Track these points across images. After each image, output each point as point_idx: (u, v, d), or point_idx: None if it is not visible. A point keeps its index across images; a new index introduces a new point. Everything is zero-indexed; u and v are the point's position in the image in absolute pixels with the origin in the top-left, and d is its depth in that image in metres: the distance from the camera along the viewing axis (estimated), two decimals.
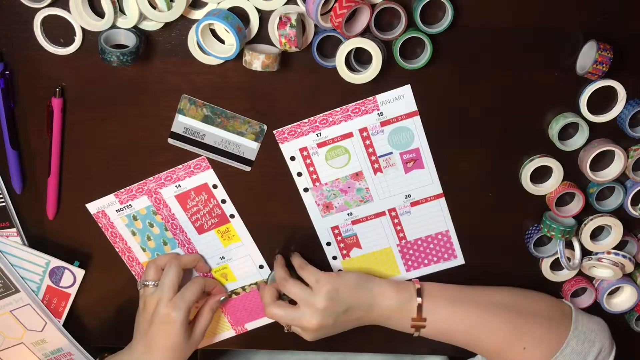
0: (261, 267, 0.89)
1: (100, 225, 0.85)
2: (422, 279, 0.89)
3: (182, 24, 0.72)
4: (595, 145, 0.76)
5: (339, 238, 0.87)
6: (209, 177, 0.82)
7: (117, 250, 0.87)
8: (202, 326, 0.85)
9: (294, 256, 0.86)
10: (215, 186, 0.82)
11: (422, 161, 0.81)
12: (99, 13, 0.71)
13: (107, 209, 0.84)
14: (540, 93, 0.76)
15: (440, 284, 0.85)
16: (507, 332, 0.79)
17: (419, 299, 0.81)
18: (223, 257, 0.88)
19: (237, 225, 0.85)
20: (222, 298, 0.89)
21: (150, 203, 0.83)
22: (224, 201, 0.83)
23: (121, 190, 0.82)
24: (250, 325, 0.93)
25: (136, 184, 0.82)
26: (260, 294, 0.86)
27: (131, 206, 0.84)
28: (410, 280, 0.86)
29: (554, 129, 0.76)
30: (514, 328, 0.79)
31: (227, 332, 0.94)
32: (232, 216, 0.85)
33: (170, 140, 0.78)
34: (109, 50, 0.69)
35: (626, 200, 0.79)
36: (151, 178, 0.82)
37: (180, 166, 0.81)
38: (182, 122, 0.77)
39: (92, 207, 0.83)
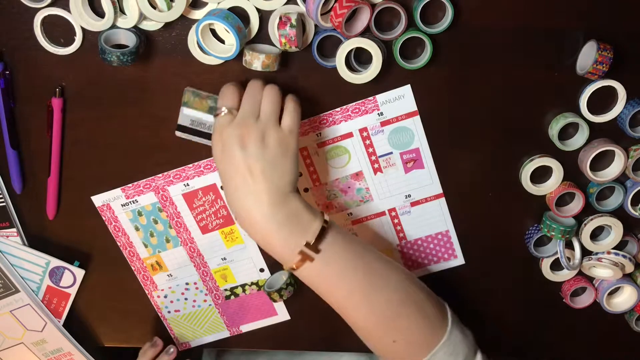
0: (262, 270, 0.89)
1: (103, 219, 0.85)
2: (422, 279, 0.89)
3: (182, 24, 0.72)
4: (595, 145, 0.76)
5: None
6: (218, 178, 0.82)
7: (118, 244, 0.87)
8: None
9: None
10: (223, 187, 0.82)
11: (422, 161, 0.81)
12: (99, 13, 0.71)
13: (113, 202, 0.84)
14: (540, 93, 0.76)
15: (345, 234, 0.74)
16: (386, 317, 0.72)
17: (325, 219, 0.71)
18: (224, 258, 0.88)
19: None
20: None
21: (157, 200, 0.83)
22: None
23: (128, 185, 0.82)
24: (245, 328, 0.94)
25: (144, 180, 0.82)
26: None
27: (137, 201, 0.84)
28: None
29: (554, 129, 0.76)
30: (394, 316, 0.72)
31: (221, 332, 0.94)
32: None
33: (178, 133, 0.77)
34: (109, 50, 0.69)
35: (626, 200, 0.79)
36: (160, 175, 0.82)
37: (190, 165, 0.81)
38: (188, 115, 0.76)
39: (98, 199, 0.83)
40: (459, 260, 0.88)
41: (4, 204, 0.83)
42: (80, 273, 0.88)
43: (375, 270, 0.72)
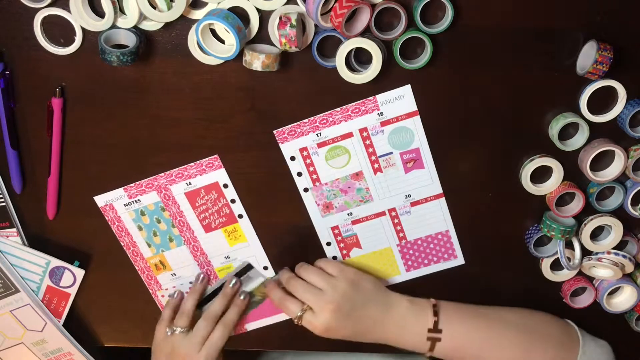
0: (265, 268, 0.89)
1: (106, 219, 0.85)
2: (422, 279, 0.89)
3: (182, 24, 0.72)
4: (595, 145, 0.76)
5: (339, 238, 0.87)
6: (220, 176, 0.82)
7: (121, 244, 0.87)
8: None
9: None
10: (225, 185, 0.82)
11: (422, 161, 0.81)
12: (99, 13, 0.71)
13: (115, 202, 0.84)
14: (540, 93, 0.76)
15: (453, 302, 0.85)
16: (519, 352, 0.80)
17: (435, 308, 0.82)
18: (228, 257, 0.88)
19: (245, 225, 0.85)
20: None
21: (159, 199, 0.83)
22: (233, 201, 0.83)
23: (131, 185, 0.82)
24: (251, 326, 0.93)
25: (146, 179, 0.82)
26: (270, 289, 0.86)
27: (140, 201, 0.84)
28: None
29: (554, 129, 0.76)
30: (526, 349, 0.80)
31: None
32: (240, 216, 0.85)
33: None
34: (109, 50, 0.69)
35: (626, 200, 0.79)
36: (162, 174, 0.82)
37: (192, 164, 0.81)
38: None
39: (100, 199, 0.83)
40: (459, 260, 0.88)
41: (4, 204, 0.83)
42: (80, 273, 0.88)
43: (494, 320, 0.82)
